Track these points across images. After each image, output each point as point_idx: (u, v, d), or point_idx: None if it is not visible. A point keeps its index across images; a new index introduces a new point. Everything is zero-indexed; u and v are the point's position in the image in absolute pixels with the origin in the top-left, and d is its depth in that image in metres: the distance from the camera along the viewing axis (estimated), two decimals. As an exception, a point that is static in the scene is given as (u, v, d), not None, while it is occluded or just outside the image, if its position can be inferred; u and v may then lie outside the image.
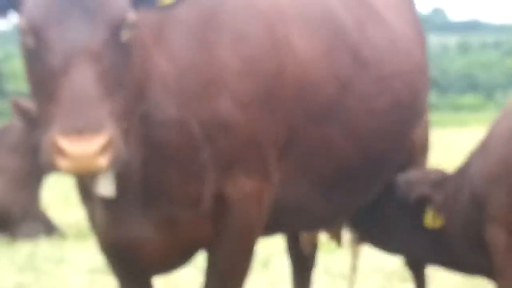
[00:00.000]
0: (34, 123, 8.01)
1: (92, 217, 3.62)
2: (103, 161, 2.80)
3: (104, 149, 2.78)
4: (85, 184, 3.49)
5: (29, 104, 8.27)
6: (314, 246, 5.00)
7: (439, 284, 5.60)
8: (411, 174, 4.36)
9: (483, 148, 4.07)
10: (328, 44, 3.79)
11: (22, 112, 8.10)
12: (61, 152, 2.77)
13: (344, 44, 3.86)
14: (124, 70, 2.98)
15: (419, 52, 4.37)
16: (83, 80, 2.82)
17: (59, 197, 10.45)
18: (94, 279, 6.48)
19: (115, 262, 3.65)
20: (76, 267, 6.85)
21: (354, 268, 4.93)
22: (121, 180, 3.24)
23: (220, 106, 3.40)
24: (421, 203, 4.17)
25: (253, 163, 3.50)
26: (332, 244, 5.88)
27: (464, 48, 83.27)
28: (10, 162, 8.26)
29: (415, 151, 4.64)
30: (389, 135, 4.06)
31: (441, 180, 4.23)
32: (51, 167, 2.84)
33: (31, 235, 8.07)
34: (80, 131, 2.75)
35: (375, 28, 4.06)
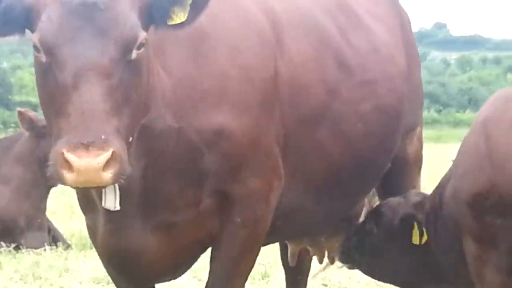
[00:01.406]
0: (40, 133, 8.09)
1: (93, 228, 3.69)
2: (108, 175, 2.87)
3: (109, 163, 2.85)
4: (89, 196, 3.57)
5: (35, 114, 8.34)
6: (308, 256, 5.07)
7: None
8: (392, 200, 4.49)
9: (454, 165, 4.18)
10: (315, 49, 3.93)
11: (29, 122, 8.12)
12: (67, 165, 2.84)
13: (329, 50, 4.00)
14: (132, 87, 3.04)
15: (402, 60, 4.51)
16: (91, 96, 2.89)
17: (63, 207, 10.43)
18: (97, 289, 6.49)
19: (118, 271, 3.71)
20: (80, 277, 6.84)
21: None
22: (122, 189, 3.29)
23: (221, 114, 3.48)
24: (406, 224, 4.29)
25: (260, 163, 3.62)
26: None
27: (465, 64, 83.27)
28: (16, 172, 8.28)
29: (409, 165, 4.74)
30: (375, 138, 4.19)
31: (421, 201, 4.36)
32: (58, 180, 2.90)
33: (36, 244, 8.06)
34: (86, 146, 2.81)
35: (358, 35, 4.20)
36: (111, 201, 3.33)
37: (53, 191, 8.59)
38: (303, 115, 3.82)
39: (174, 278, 3.92)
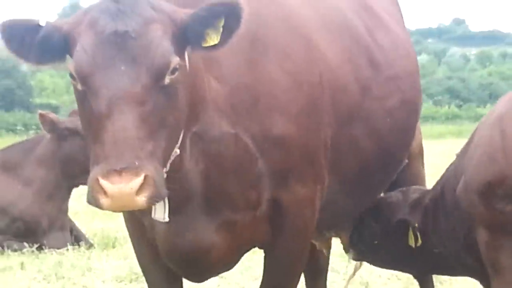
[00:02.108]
0: (62, 135, 8.13)
1: (149, 227, 3.72)
2: (142, 198, 2.92)
3: (143, 188, 2.90)
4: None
5: (56, 116, 8.39)
6: (325, 253, 5.12)
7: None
8: (391, 196, 4.58)
9: (462, 156, 4.21)
10: (348, 50, 4.02)
11: (50, 124, 8.15)
12: (102, 191, 2.90)
13: (360, 49, 4.10)
14: (167, 111, 3.09)
15: (415, 56, 4.66)
16: (124, 125, 2.95)
17: (85, 207, 10.24)
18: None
19: (176, 267, 3.76)
20: (103, 276, 6.89)
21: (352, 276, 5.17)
22: (184, 191, 3.40)
23: (272, 121, 3.56)
24: (402, 226, 4.40)
25: (306, 170, 3.70)
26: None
27: (484, 59, 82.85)
28: (38, 173, 8.32)
29: (413, 156, 4.86)
30: (399, 132, 4.31)
31: (419, 197, 4.46)
32: (95, 205, 2.96)
33: (58, 244, 8.13)
34: (119, 172, 2.88)
35: (382, 33, 4.32)
36: (161, 213, 3.41)
37: (75, 191, 8.62)
38: (341, 114, 3.89)
39: (226, 270, 4.00)
